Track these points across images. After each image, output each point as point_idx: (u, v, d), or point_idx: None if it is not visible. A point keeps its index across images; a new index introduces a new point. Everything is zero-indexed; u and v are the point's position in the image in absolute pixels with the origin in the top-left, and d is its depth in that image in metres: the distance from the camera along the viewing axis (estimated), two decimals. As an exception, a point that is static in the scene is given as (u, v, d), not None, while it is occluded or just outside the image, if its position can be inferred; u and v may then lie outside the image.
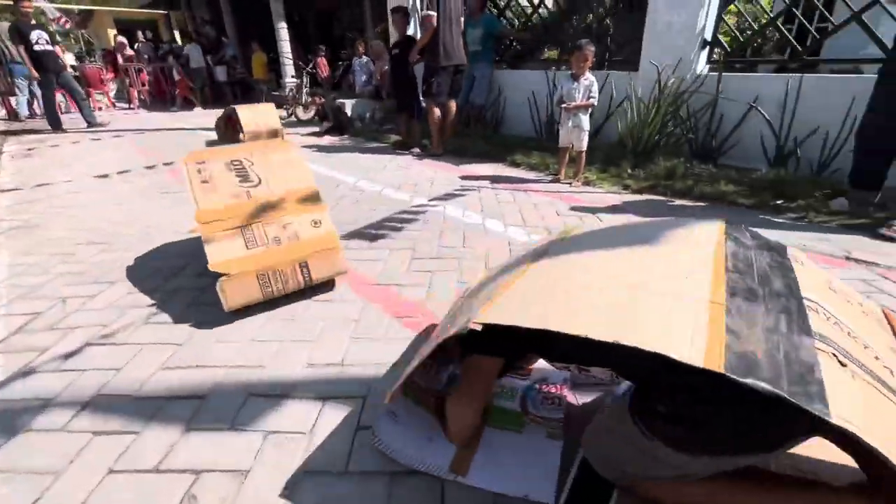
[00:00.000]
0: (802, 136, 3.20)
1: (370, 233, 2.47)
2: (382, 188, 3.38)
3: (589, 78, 3.21)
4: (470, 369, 1.09)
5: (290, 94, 7.97)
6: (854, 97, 2.95)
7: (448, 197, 3.11)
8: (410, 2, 5.95)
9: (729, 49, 3.72)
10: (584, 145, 3.33)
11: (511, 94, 5.19)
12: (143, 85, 10.58)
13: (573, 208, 2.84)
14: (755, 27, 4.26)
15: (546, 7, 5.30)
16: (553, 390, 1.22)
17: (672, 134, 3.65)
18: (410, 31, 5.52)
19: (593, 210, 2.82)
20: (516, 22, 5.57)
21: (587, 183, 3.42)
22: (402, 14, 4.86)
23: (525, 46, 5.45)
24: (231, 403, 1.26)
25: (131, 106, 10.20)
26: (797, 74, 3.21)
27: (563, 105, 3.24)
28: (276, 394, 1.30)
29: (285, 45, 9.63)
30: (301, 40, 11.08)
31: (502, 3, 5.44)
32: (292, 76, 9.26)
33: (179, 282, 1.97)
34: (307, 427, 1.18)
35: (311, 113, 7.44)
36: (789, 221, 2.60)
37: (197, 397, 1.29)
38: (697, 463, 0.74)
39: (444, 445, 1.07)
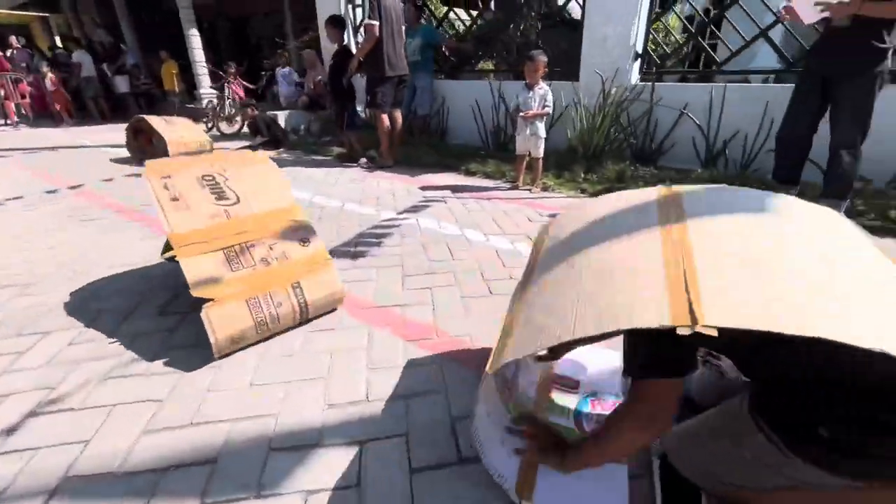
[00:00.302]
0: (727, 139, 3.58)
1: (349, 251, 2.31)
2: (343, 203, 3.19)
3: (543, 87, 3.32)
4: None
5: (210, 106, 7.35)
6: (767, 103, 3.36)
7: (416, 209, 3.02)
8: (344, 11, 5.78)
9: (658, 61, 4.06)
10: (541, 152, 3.42)
11: (454, 104, 5.22)
12: (24, 97, 9.16)
13: (551, 216, 2.89)
14: (679, 41, 4.70)
15: (482, 19, 5.43)
16: (607, 407, 1.19)
17: (616, 139, 3.88)
18: (345, 42, 5.35)
19: (562, 214, 2.89)
20: (452, 32, 5.64)
21: (545, 188, 3.52)
22: (338, 24, 4.70)
23: (463, 57, 5.53)
24: (250, 464, 1.08)
25: (8, 122, 8.78)
26: (720, 84, 3.58)
27: (521, 114, 3.31)
28: (302, 445, 1.13)
29: (198, 53, 8.88)
30: (212, 48, 10.31)
31: (439, 15, 5.48)
32: (211, 86, 8.55)
33: (138, 324, 1.67)
34: (352, 479, 1.03)
35: (237, 126, 6.92)
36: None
37: (204, 463, 1.08)
38: (836, 480, 0.69)
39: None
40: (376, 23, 3.86)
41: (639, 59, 3.99)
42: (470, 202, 3.19)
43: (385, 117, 4.18)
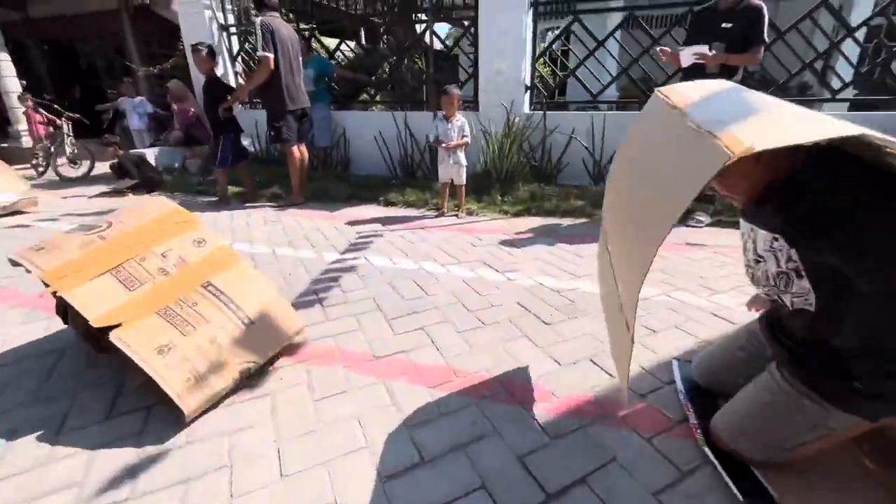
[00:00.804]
0: (610, 157, 4.20)
1: (313, 300, 2.13)
2: (272, 248, 2.92)
3: (461, 119, 3.51)
4: None
5: (41, 146, 6.03)
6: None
7: (358, 247, 2.91)
8: (217, 39, 5.32)
9: (546, 93, 4.59)
10: (464, 179, 3.60)
11: (355, 135, 5.17)
12: None
13: (502, 242, 3.02)
14: (560, 75, 5.35)
15: (375, 52, 5.50)
16: None
17: (520, 163, 4.27)
18: (220, 72, 4.92)
19: (511, 242, 3.08)
20: (344, 63, 5.61)
21: (470, 213, 3.69)
22: (208, 52, 4.29)
23: (358, 87, 5.52)
24: (337, 568, 0.94)
25: None
26: (599, 112, 4.21)
27: (444, 144, 3.45)
28: (384, 528, 1.02)
29: (10, 82, 7.24)
30: (31, 75, 8.51)
31: (329, 46, 5.40)
32: (40, 122, 6.99)
33: (75, 438, 1.31)
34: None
35: (85, 168, 5.80)
36: (634, 223, 3.38)
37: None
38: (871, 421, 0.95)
39: None
40: (271, 55, 3.66)
41: (528, 92, 4.47)
42: (406, 234, 3.19)
43: (295, 150, 3.95)
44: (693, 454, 1.20)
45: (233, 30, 5.50)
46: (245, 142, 5.48)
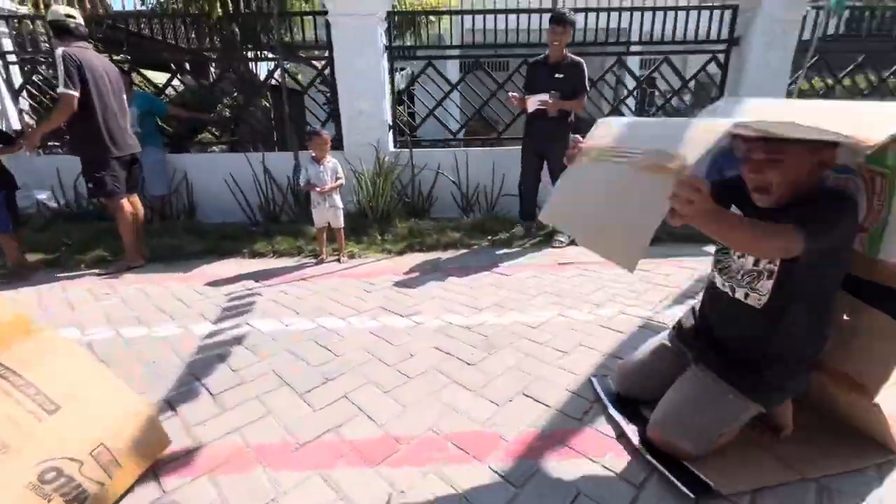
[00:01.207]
0: (475, 190, 4.52)
1: (196, 389, 1.72)
2: (115, 329, 2.31)
3: (332, 160, 3.36)
4: None
5: None
6: (494, 161, 4.46)
7: (235, 311, 2.51)
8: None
9: (408, 131, 4.73)
10: (342, 222, 3.44)
11: (200, 180, 4.55)
12: None
13: (395, 284, 2.91)
14: (418, 115, 5.55)
15: (209, 88, 4.96)
16: None
17: (394, 200, 4.28)
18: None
19: (404, 282, 3.00)
20: (178, 100, 4.92)
21: (353, 256, 3.54)
22: None
23: (196, 126, 4.89)
24: None
25: None
26: (461, 149, 4.51)
27: (318, 189, 3.25)
28: None
29: None
30: None
31: (157, 81, 4.68)
32: None
33: None
34: None
35: None
36: (510, 250, 3.65)
37: None
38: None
39: None
40: (75, 93, 2.99)
41: (391, 130, 4.55)
42: (288, 288, 2.88)
43: (125, 204, 3.27)
44: (639, 466, 1.30)
45: (12, 58, 4.37)
46: (41, 195, 4.38)
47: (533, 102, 3.37)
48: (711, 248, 1.43)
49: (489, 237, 3.89)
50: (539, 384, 1.72)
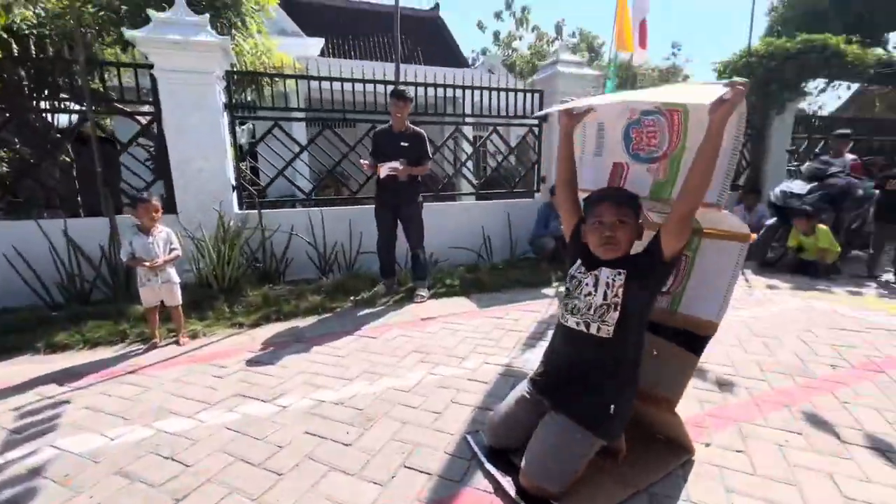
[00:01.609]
0: (333, 250, 4.45)
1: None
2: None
3: (163, 230, 2.96)
4: None
5: None
6: (350, 220, 4.49)
7: (31, 432, 1.93)
8: None
9: (256, 192, 4.45)
10: (179, 298, 3.02)
11: (-39, 256, 3.50)
12: None
13: (251, 363, 2.60)
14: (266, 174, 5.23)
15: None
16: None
17: (242, 266, 3.93)
18: None
19: (262, 360, 2.72)
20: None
21: (195, 336, 3.10)
22: None
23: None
24: None
25: None
26: (316, 209, 4.43)
27: (148, 263, 2.81)
28: None
29: None
30: None
31: None
32: None
33: None
34: None
35: None
36: (373, 309, 3.66)
37: None
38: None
39: None
40: None
41: (235, 191, 4.25)
42: (110, 387, 2.37)
43: None
44: (517, 517, 1.42)
45: None
46: None
47: (385, 169, 3.58)
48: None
49: (352, 297, 3.85)
50: (419, 453, 1.75)
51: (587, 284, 1.50)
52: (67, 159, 4.50)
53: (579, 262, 1.58)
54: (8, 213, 4.18)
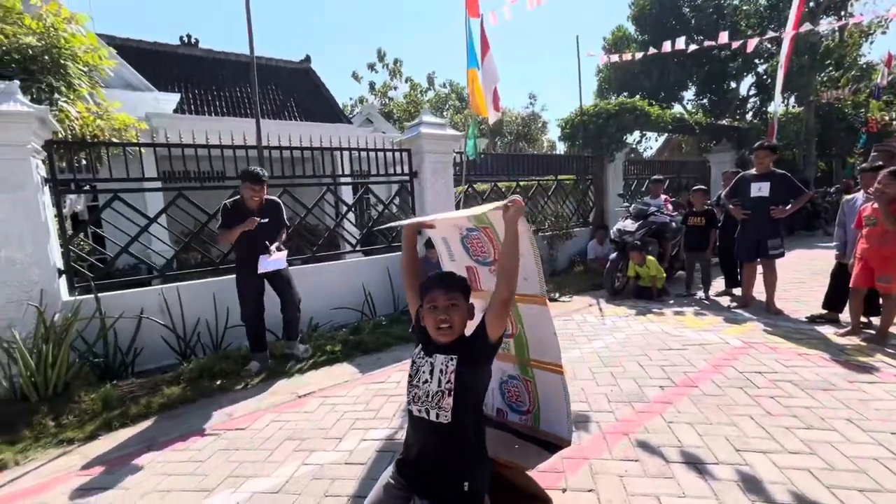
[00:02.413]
0: (194, 329, 4.02)
1: None
2: None
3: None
4: None
5: None
6: (214, 294, 4.13)
7: None
8: None
9: (91, 274, 3.86)
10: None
11: None
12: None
13: (83, 492, 2.14)
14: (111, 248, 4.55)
15: None
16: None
17: (73, 365, 3.33)
18: None
19: (97, 485, 2.28)
20: None
21: (3, 468, 2.51)
22: None
23: None
24: None
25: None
26: (171, 285, 3.98)
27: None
28: None
29: None
30: None
31: None
32: None
33: None
34: None
35: None
36: (248, 390, 3.35)
37: None
38: None
39: None
40: None
41: (63, 276, 3.65)
42: None
43: None
44: None
45: None
46: None
47: (270, 264, 3.58)
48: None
49: (219, 382, 3.49)
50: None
51: (424, 371, 1.59)
52: None
53: (420, 346, 1.67)
54: None
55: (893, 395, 2.66)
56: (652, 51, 8.76)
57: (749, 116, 17.78)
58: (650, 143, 21.56)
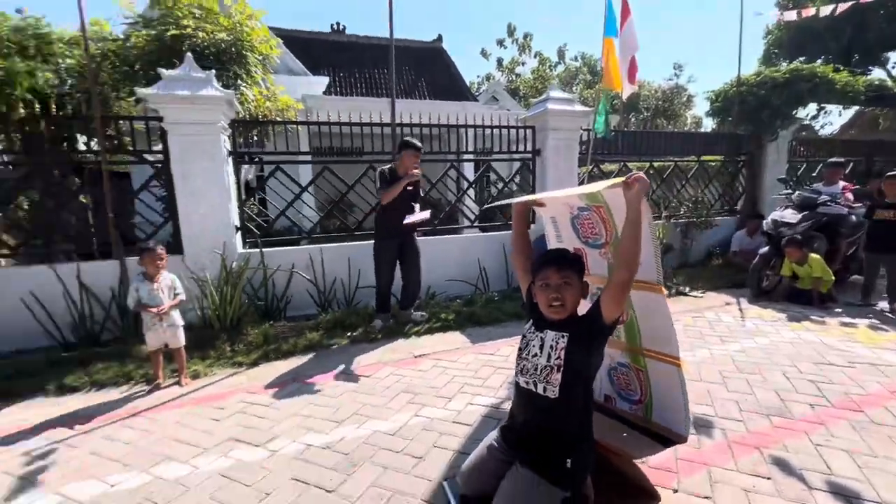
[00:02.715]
0: (332, 286, 4.61)
1: None
2: None
3: (168, 276, 3.15)
4: None
5: None
6: (349, 257, 4.66)
7: (33, 480, 2.07)
8: None
9: (259, 232, 4.66)
10: (183, 340, 3.17)
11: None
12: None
13: (249, 404, 2.73)
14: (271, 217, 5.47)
15: None
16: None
17: (244, 305, 4.09)
18: None
19: (260, 401, 2.84)
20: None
21: (197, 377, 3.24)
22: None
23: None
24: None
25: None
26: (315, 246, 4.61)
27: (154, 310, 2.98)
28: None
29: None
30: None
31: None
32: None
33: None
34: None
35: None
36: (371, 345, 3.78)
37: None
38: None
39: None
40: None
41: (238, 232, 4.45)
42: (114, 431, 2.51)
43: None
44: (482, 566, 1.50)
45: None
46: None
47: (416, 217, 3.95)
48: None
49: (349, 334, 3.98)
50: (397, 500, 1.84)
51: (534, 346, 1.61)
52: (84, 200, 4.76)
53: (531, 321, 1.69)
54: (27, 256, 4.42)
55: None
56: (849, 2, 7.09)
57: None
58: (830, 119, 17.69)
